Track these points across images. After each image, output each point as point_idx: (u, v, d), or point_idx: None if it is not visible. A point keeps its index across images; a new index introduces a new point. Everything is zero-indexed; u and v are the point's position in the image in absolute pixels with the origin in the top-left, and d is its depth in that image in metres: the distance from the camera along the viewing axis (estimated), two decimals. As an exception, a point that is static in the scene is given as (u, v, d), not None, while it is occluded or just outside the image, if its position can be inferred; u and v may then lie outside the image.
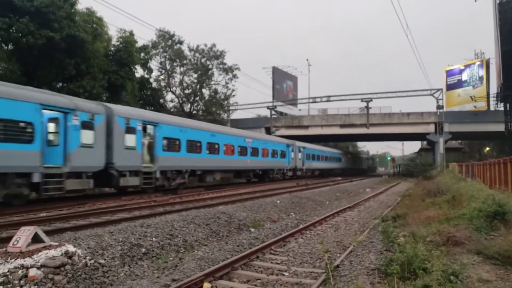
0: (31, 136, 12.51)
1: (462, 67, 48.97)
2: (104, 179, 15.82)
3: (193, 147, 21.36)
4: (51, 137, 14.01)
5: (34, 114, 12.61)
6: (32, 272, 5.48)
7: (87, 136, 14.52)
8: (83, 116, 14.37)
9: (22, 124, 12.32)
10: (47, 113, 13.49)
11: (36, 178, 12.59)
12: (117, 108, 16.99)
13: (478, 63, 47.28)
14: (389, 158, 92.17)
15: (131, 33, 30.84)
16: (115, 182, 16.11)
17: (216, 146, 23.72)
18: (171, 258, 7.71)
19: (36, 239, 6.23)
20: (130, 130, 16.74)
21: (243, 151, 27.14)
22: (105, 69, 27.14)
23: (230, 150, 25.35)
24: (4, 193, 12.10)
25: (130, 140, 16.74)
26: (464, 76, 48.48)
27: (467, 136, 52.54)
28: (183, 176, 20.60)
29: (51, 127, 14.01)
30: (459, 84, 48.69)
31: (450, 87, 49.60)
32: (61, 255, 6.02)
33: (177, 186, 20.16)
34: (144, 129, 17.82)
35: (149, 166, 17.96)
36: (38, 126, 12.73)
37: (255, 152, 28.99)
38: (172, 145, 19.62)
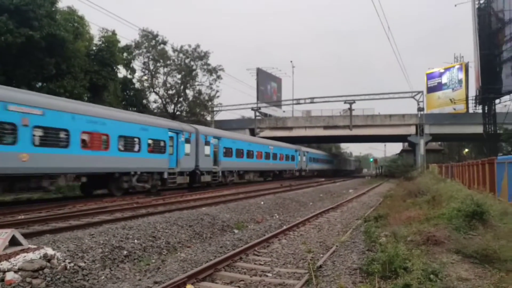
0: (164, 149, 19.29)
1: (442, 70, 50.03)
2: (191, 177, 22.18)
3: (239, 154, 29.01)
4: (170, 149, 19.82)
5: (165, 135, 19.48)
6: (9, 276, 5.34)
7: (187, 148, 21.29)
8: (186, 135, 21.23)
9: (161, 142, 19.15)
10: (168, 133, 19.86)
11: (165, 175, 19.47)
12: (201, 128, 24.63)
13: (457, 66, 48.40)
14: (371, 160, 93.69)
15: (114, 33, 30.43)
16: (198, 179, 22.57)
17: (252, 153, 31.39)
18: (153, 260, 7.62)
19: (13, 242, 6.09)
20: (207, 143, 23.72)
21: (267, 156, 34.61)
22: (86, 69, 26.68)
23: (260, 155, 32.92)
24: (151, 184, 18.82)
25: (207, 150, 23.74)
26: (444, 79, 49.53)
27: (447, 138, 53.74)
28: (233, 174, 28.27)
29: (170, 143, 19.94)
30: (439, 87, 49.73)
31: (430, 89, 50.60)
32: (40, 258, 5.88)
33: (230, 182, 27.48)
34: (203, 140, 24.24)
35: (215, 168, 24.84)
36: (167, 142, 19.53)
37: (275, 156, 36.41)
38: (228, 152, 27.10)
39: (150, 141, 18.34)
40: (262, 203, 15.62)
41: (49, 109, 13.16)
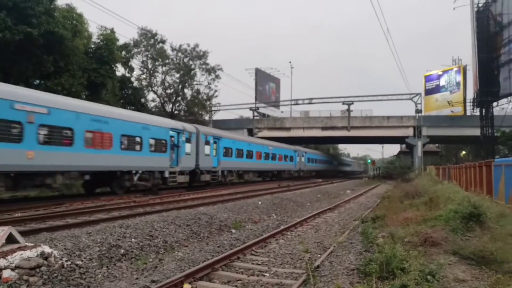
0: (292, 160, 41.88)
1: (440, 73, 50.15)
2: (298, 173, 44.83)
3: (313, 161, 50.84)
4: (294, 159, 42.44)
5: (293, 153, 41.81)
6: (6, 273, 5.32)
7: (300, 159, 44.30)
8: (298, 153, 43.71)
9: (291, 156, 41.29)
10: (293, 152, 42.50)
11: (292, 172, 42.70)
12: (301, 148, 45.75)
13: (455, 69, 48.53)
14: (369, 161, 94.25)
15: (112, 31, 30.37)
16: (300, 173, 45.24)
17: (319, 160, 55.17)
18: (150, 259, 7.61)
19: (10, 239, 6.06)
20: (303, 156, 45.08)
21: (326, 162, 60.47)
22: (84, 67, 26.63)
23: (323, 161, 57.31)
24: (287, 175, 41.36)
25: (303, 159, 45.50)
26: (442, 82, 49.65)
27: (444, 140, 53.84)
28: (310, 172, 50.75)
29: (294, 156, 42.38)
30: (437, 89, 49.84)
31: (428, 91, 50.71)
32: (37, 256, 5.85)
33: (309, 176, 49.43)
34: (302, 155, 45.57)
35: (305, 168, 46.55)
36: (294, 156, 42.15)
37: (327, 162, 61.51)
38: (309, 161, 48.79)
39: (287, 156, 39.44)
40: (259, 203, 15.62)
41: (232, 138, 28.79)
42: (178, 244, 8.90)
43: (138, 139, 17.34)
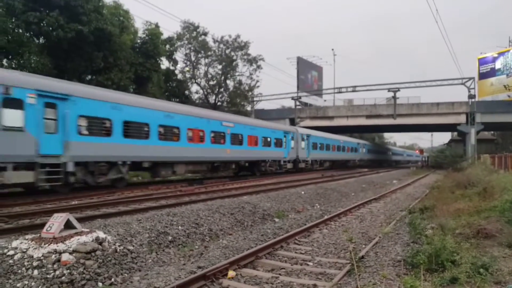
0: (356, 150, 49.89)
1: (496, 55, 46.88)
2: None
3: (370, 151, 58.27)
4: (359, 150, 51.03)
5: (356, 145, 49.59)
6: (65, 257, 5.70)
7: (362, 151, 52.93)
8: (364, 145, 54.86)
9: (355, 148, 49.04)
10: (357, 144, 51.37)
11: (356, 161, 50.44)
12: (361, 141, 54.81)
13: (513, 50, 45.17)
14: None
15: (157, 25, 31.24)
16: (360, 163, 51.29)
17: (372, 150, 59.53)
18: (196, 246, 7.85)
19: (68, 225, 6.46)
20: (364, 147, 54.10)
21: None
22: (131, 61, 27.64)
23: (370, 151, 58.24)
24: (352, 164, 48.70)
25: (364, 150, 53.68)
26: (498, 65, 46.41)
27: (500, 127, 50.49)
28: (367, 161, 54.58)
29: (358, 147, 50.77)
30: (492, 72, 46.69)
31: (482, 76, 47.63)
32: (92, 241, 6.22)
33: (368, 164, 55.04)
34: (364, 146, 53.79)
35: (367, 158, 55.62)
36: (357, 148, 50.42)
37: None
38: (369, 151, 56.82)
39: (353, 147, 46.70)
40: (302, 192, 15.56)
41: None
42: (222, 232, 9.10)
43: (269, 139, 26.60)
